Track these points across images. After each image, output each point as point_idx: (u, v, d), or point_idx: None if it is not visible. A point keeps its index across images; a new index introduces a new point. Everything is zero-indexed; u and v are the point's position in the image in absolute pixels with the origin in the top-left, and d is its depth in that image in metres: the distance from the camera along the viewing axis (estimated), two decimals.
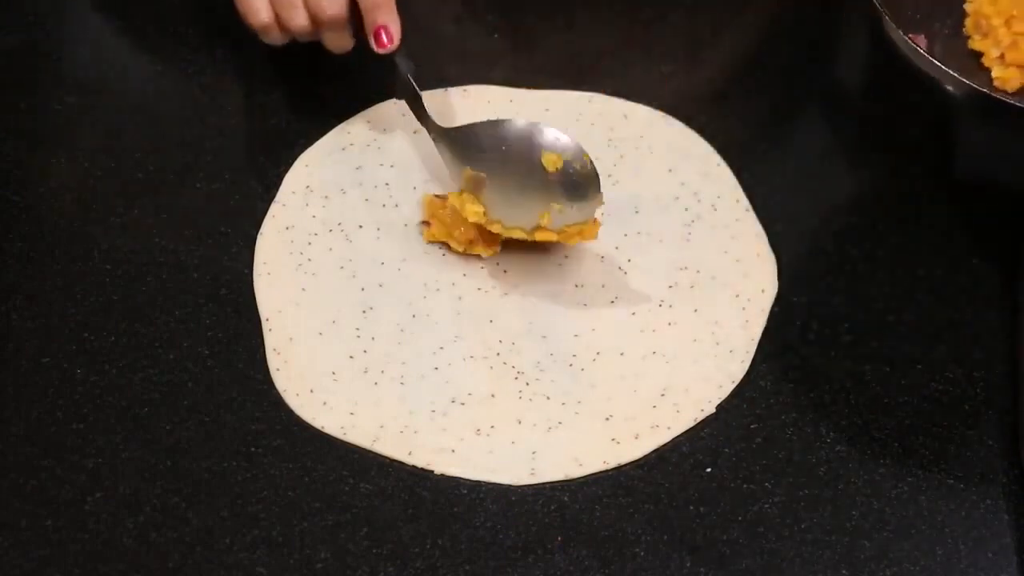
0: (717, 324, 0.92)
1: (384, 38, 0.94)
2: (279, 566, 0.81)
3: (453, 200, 0.94)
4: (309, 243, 0.95)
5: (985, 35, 0.99)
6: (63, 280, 0.92)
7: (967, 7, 1.01)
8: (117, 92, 1.02)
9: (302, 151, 0.99)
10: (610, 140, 1.00)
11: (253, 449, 0.86)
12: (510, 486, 0.85)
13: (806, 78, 1.06)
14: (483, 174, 0.93)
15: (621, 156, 1.00)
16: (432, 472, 0.86)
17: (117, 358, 0.89)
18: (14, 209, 0.95)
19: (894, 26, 0.93)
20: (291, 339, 0.90)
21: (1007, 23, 0.98)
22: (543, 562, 0.82)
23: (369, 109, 1.01)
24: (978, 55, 0.99)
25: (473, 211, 0.93)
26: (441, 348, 0.91)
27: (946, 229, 0.98)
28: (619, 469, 0.86)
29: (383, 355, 0.90)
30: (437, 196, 0.96)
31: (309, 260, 0.94)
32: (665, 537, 0.83)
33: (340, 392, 0.89)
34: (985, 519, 0.85)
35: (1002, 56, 0.98)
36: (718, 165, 1.00)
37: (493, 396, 0.89)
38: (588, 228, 0.92)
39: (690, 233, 0.96)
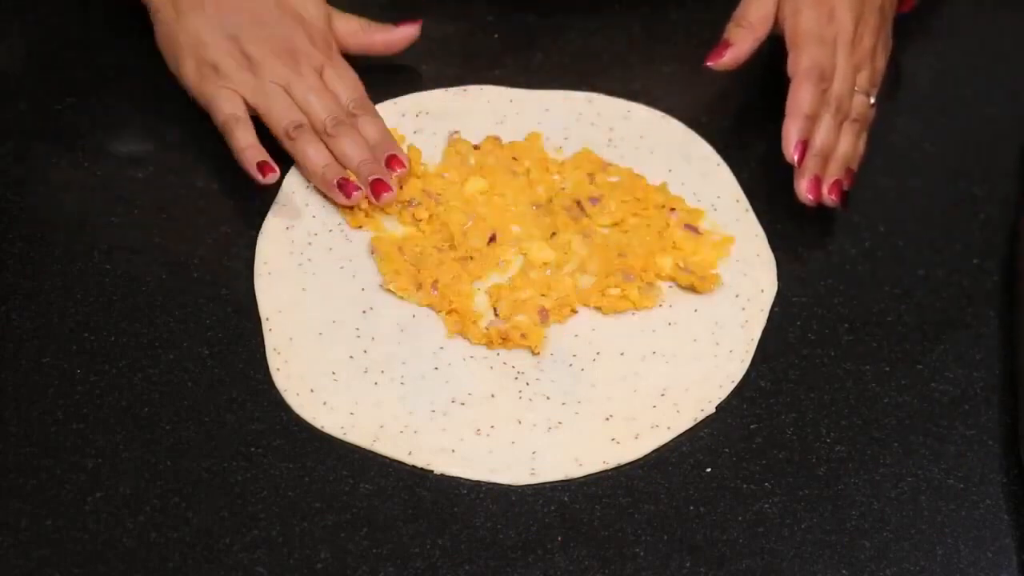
0: (717, 324, 0.92)
1: (395, 165, 0.96)
2: (279, 566, 0.81)
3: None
4: (309, 243, 0.95)
5: None
6: (63, 280, 0.92)
7: None
8: (117, 92, 1.02)
9: None
10: (610, 140, 1.00)
11: (253, 449, 0.86)
12: (510, 486, 0.85)
13: None
14: None
15: (621, 156, 1.00)
16: (432, 472, 0.86)
17: (117, 358, 0.89)
18: (14, 209, 0.95)
19: None
20: (291, 339, 0.90)
21: None
22: (543, 562, 0.82)
23: None
24: None
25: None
26: (441, 348, 0.91)
27: (946, 229, 0.98)
28: (619, 469, 0.86)
29: (383, 355, 0.90)
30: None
31: (309, 260, 0.94)
32: (665, 537, 0.83)
33: (340, 392, 0.89)
34: (985, 519, 0.85)
35: None
36: (718, 165, 1.00)
37: (493, 396, 0.89)
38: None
39: None
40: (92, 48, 1.05)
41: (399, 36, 1.02)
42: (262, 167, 0.95)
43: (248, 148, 0.95)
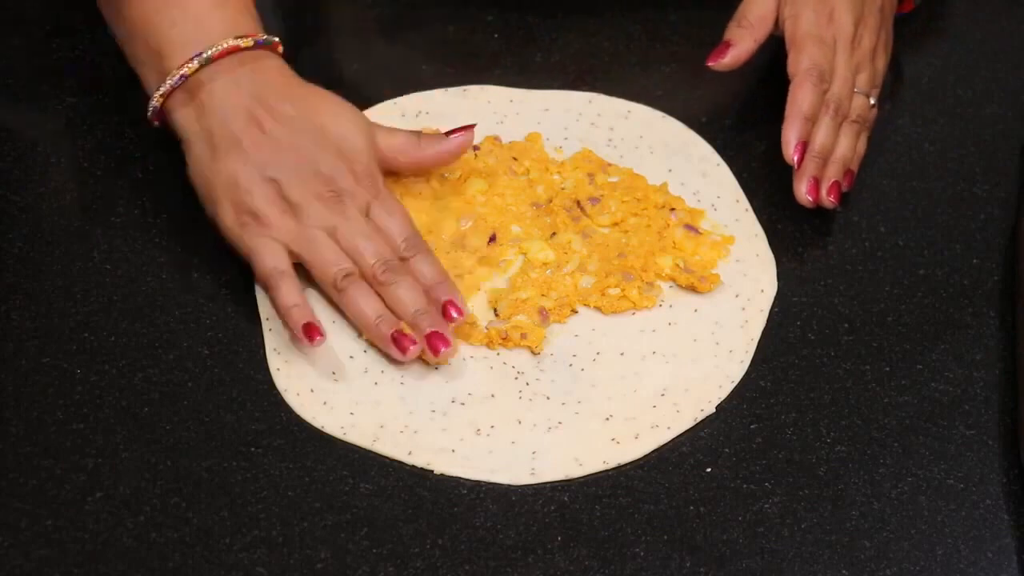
0: (717, 324, 0.92)
1: (452, 312, 0.89)
2: (279, 566, 0.81)
3: None
4: None
5: None
6: (63, 280, 0.92)
7: None
8: (117, 92, 1.02)
9: None
10: (610, 140, 1.01)
11: (253, 449, 0.86)
12: (510, 486, 0.85)
13: None
14: None
15: (621, 156, 1.00)
16: (432, 472, 0.86)
17: (117, 358, 0.89)
18: (14, 209, 0.95)
19: None
20: (291, 339, 0.90)
21: None
22: (543, 562, 0.82)
23: (368, 110, 1.01)
24: None
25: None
26: None
27: (946, 229, 0.98)
28: (619, 469, 0.86)
29: (383, 355, 0.90)
30: None
31: None
32: (665, 537, 0.83)
33: (340, 392, 0.89)
34: (985, 519, 0.85)
35: None
36: (718, 165, 1.00)
37: (493, 396, 0.89)
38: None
39: None
40: (93, 48, 1.05)
41: (453, 146, 0.95)
42: (308, 331, 0.88)
43: (293, 308, 0.88)
